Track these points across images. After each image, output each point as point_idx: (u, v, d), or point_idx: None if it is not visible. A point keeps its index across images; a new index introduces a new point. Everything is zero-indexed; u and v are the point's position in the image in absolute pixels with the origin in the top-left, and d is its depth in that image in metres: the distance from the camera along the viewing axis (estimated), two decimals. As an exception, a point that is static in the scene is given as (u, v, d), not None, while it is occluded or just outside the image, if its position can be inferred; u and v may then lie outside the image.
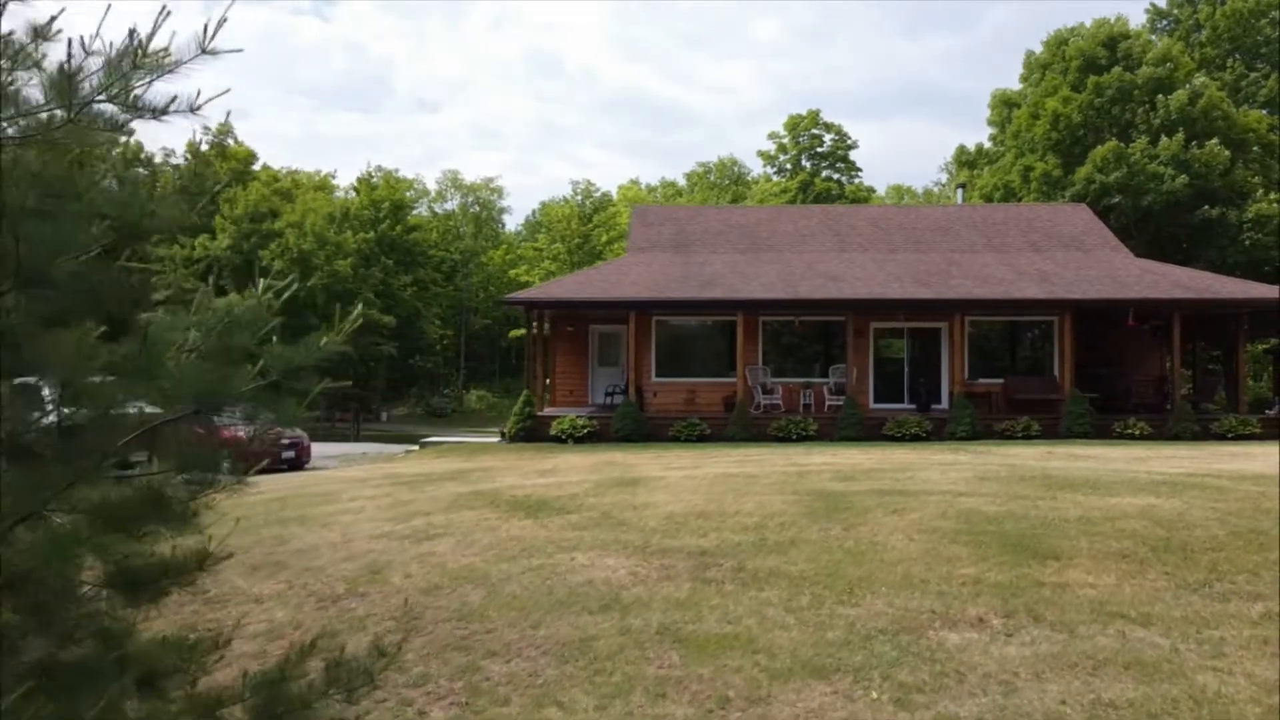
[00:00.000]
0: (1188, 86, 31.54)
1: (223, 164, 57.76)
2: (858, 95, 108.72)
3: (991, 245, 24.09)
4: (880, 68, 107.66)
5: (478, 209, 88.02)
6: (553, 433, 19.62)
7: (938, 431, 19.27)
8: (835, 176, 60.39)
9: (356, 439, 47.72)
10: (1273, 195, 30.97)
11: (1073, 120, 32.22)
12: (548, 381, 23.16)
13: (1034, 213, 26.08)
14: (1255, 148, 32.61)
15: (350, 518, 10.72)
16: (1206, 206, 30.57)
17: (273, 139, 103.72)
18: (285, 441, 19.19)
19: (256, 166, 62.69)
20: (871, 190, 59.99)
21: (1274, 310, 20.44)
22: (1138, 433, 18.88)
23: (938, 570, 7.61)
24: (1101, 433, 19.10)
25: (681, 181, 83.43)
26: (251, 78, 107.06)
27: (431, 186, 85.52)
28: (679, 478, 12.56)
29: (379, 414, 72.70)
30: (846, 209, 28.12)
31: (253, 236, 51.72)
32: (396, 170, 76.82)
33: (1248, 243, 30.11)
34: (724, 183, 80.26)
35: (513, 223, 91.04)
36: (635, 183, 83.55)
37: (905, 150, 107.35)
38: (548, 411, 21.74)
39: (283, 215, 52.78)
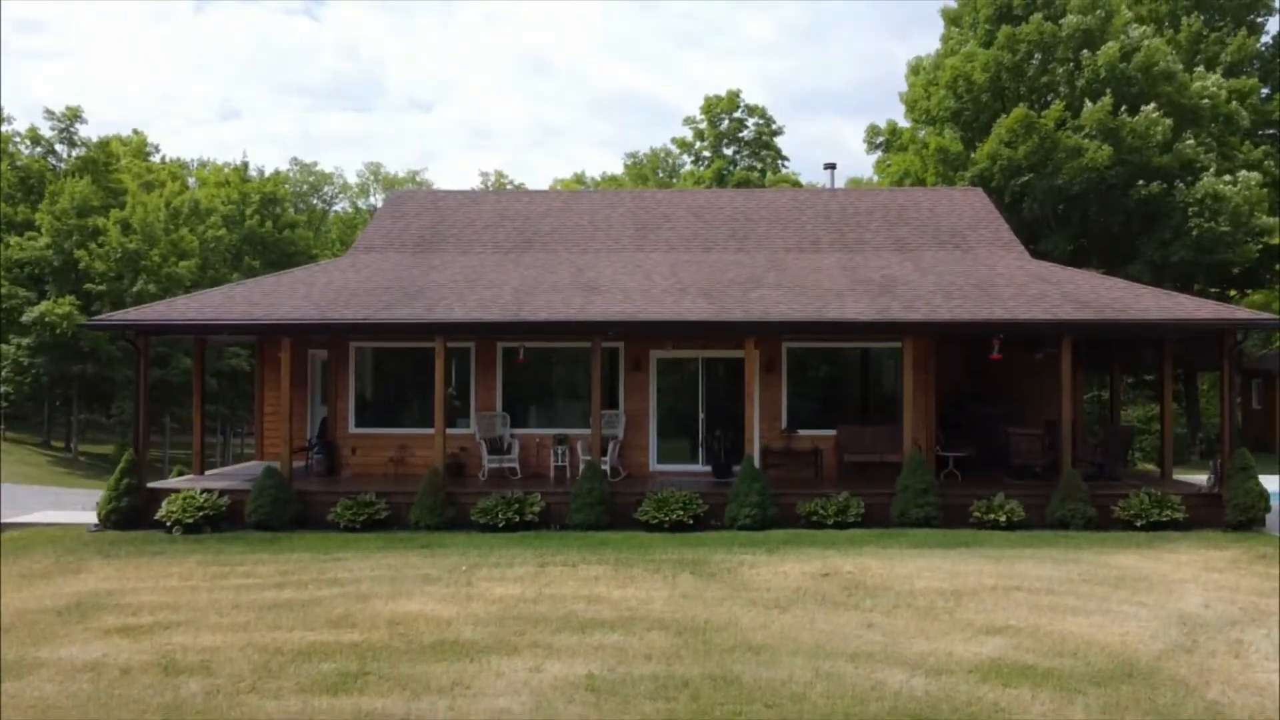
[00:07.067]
0: (1122, 38, 25.63)
1: (71, 152, 51.10)
2: (852, 94, 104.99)
3: (844, 242, 18.37)
4: (874, 66, 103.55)
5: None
6: (161, 516, 13.73)
7: (718, 513, 13.50)
8: (757, 165, 54.76)
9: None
10: (1228, 175, 24.86)
11: (976, 83, 26.25)
12: (254, 427, 17.31)
13: (911, 199, 20.31)
14: (1213, 124, 26.85)
15: None
16: (1141, 183, 24.50)
17: (267, 139, 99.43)
18: None
19: (156, 159, 56.31)
20: (796, 180, 53.84)
21: (1212, 333, 14.79)
22: (1003, 519, 13.20)
23: None
24: (954, 517, 13.41)
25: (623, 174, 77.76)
26: (243, 78, 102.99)
27: (352, 179, 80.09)
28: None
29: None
30: (665, 194, 22.24)
31: (74, 235, 45.18)
32: (316, 164, 71.13)
33: (1195, 232, 24.03)
34: (660, 175, 74.63)
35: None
36: (580, 177, 77.81)
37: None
38: (202, 479, 15.78)
39: (113, 211, 46.27)
